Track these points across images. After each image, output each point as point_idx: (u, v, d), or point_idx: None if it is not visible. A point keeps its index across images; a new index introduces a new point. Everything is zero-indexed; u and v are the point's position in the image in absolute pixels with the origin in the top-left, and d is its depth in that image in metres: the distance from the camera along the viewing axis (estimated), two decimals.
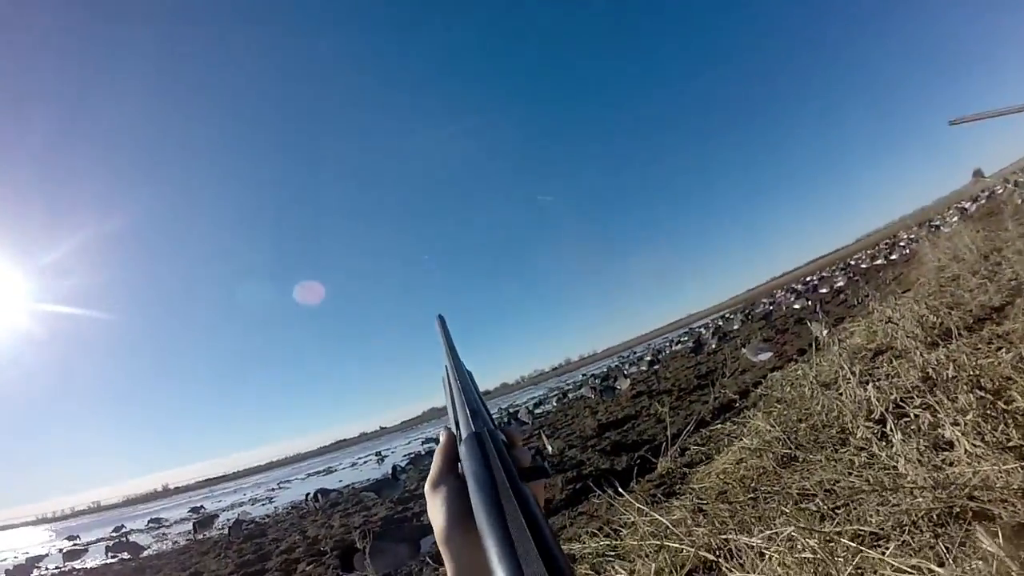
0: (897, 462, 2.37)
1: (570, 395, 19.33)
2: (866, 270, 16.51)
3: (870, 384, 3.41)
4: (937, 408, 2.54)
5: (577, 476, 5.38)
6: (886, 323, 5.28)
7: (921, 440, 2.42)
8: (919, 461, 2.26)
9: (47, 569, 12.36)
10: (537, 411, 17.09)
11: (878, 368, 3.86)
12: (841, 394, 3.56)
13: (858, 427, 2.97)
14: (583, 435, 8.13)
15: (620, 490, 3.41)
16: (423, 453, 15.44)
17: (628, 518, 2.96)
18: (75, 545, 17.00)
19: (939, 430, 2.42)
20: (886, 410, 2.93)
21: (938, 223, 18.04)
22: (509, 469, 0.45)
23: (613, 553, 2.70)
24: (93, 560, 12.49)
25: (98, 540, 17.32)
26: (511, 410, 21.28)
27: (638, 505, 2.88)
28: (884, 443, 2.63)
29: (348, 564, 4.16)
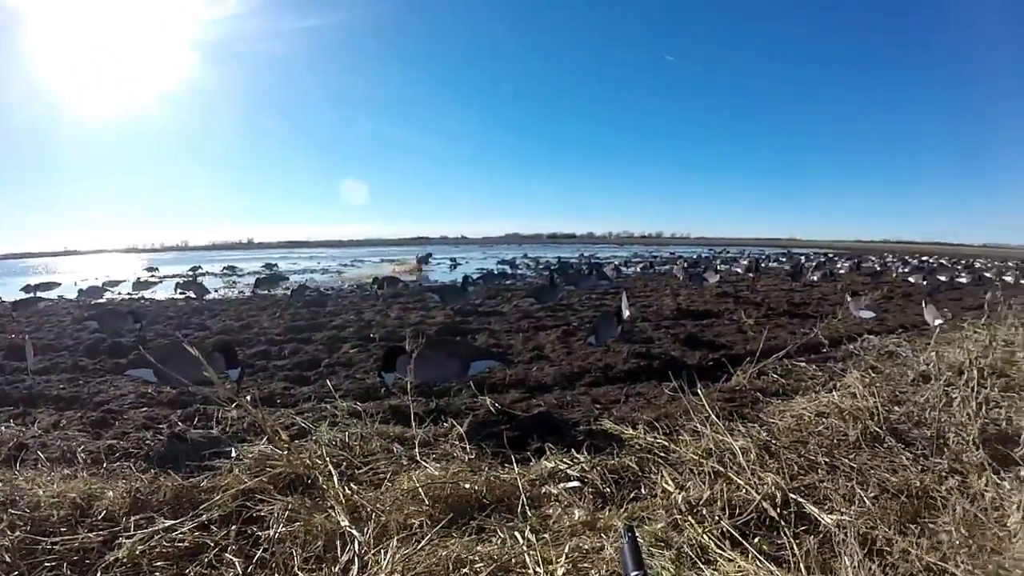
0: (1007, 509, 2.07)
1: (656, 268, 18.64)
2: (1011, 284, 12.67)
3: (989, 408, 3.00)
4: None
5: (644, 353, 5.23)
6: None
7: None
8: None
9: (118, 294, 12.97)
10: (621, 271, 17.01)
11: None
12: (951, 399, 3.19)
13: (966, 448, 2.64)
14: (659, 313, 7.99)
15: (693, 388, 3.27)
16: (496, 272, 15.42)
17: (692, 423, 2.90)
18: (151, 277, 18.24)
19: None
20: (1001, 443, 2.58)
21: None
22: None
23: (664, 456, 2.68)
24: (161, 293, 13.05)
25: (173, 276, 18.45)
26: (594, 261, 21.32)
27: (711, 415, 2.77)
28: (991, 478, 2.29)
29: (390, 363, 3.77)
